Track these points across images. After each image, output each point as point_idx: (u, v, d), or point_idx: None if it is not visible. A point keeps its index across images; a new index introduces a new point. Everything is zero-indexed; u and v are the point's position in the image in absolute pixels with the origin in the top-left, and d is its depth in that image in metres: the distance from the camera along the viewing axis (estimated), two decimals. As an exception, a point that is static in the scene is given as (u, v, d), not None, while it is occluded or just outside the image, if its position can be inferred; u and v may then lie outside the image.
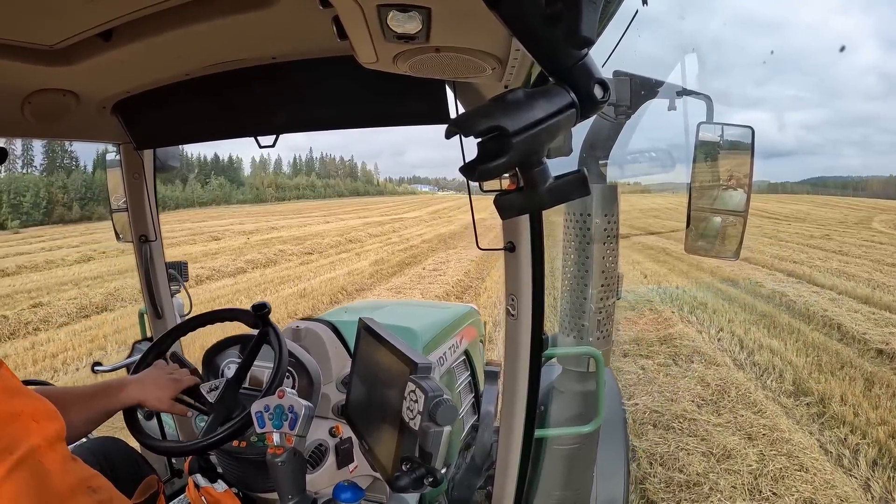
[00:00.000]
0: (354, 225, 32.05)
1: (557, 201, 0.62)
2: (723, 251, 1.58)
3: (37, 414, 0.96)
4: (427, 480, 1.11)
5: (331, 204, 77.08)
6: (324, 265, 16.48)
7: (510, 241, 1.46)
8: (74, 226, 42.77)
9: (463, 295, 10.82)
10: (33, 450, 0.91)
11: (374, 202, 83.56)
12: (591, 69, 0.58)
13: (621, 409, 2.08)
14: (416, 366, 1.15)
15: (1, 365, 0.96)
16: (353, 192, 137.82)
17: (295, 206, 74.37)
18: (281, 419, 1.31)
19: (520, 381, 1.52)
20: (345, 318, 2.14)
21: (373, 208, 57.81)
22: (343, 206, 67.51)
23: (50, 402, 1.01)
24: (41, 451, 0.92)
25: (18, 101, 1.38)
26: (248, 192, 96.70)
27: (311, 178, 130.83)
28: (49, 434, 0.96)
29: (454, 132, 0.58)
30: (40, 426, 0.95)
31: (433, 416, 1.07)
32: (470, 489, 2.14)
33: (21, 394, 0.96)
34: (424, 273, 13.87)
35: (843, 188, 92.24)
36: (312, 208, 62.14)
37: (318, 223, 34.13)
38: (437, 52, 0.98)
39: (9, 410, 0.91)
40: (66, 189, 54.87)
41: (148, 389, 1.46)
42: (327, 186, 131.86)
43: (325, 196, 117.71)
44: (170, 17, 1.07)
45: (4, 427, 0.89)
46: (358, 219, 38.58)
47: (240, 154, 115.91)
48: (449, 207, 53.47)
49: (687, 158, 1.54)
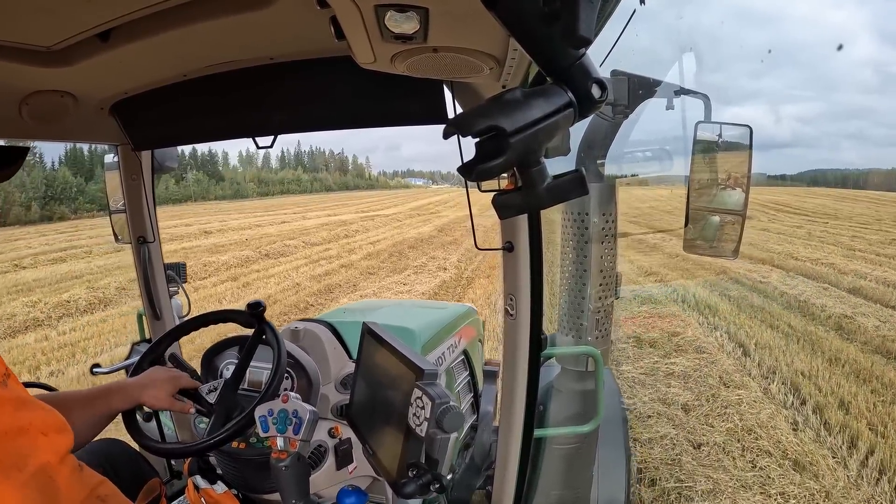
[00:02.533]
0: (310, 225, 26.61)
1: (556, 201, 0.62)
2: (721, 250, 1.59)
3: (46, 427, 0.94)
4: (433, 487, 1.11)
5: (311, 199, 71.11)
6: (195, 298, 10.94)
7: (508, 241, 1.46)
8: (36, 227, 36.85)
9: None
10: (43, 467, 0.90)
11: (359, 196, 77.71)
12: (589, 69, 0.58)
13: (621, 408, 2.08)
14: (423, 372, 1.15)
15: (9, 375, 0.94)
16: (343, 186, 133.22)
17: (271, 202, 67.50)
18: (285, 424, 1.30)
19: (519, 381, 1.52)
20: (343, 319, 2.14)
21: (352, 204, 51.83)
22: (323, 201, 61.42)
23: (58, 413, 0.99)
24: (51, 467, 0.91)
25: (16, 102, 1.38)
26: (227, 188, 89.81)
27: (297, 173, 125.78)
28: (58, 448, 0.94)
29: (452, 132, 0.58)
30: (49, 440, 0.94)
31: (440, 423, 1.06)
32: (469, 489, 2.14)
33: (29, 406, 0.95)
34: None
35: (844, 181, 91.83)
36: (287, 204, 55.25)
37: (271, 223, 28.48)
38: (435, 52, 0.99)
39: (16, 425, 0.90)
40: (25, 187, 48.93)
41: (146, 389, 1.46)
42: (315, 181, 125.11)
43: (311, 191, 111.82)
44: (167, 17, 1.07)
45: (12, 442, 0.88)
46: (325, 217, 32.80)
47: (226, 148, 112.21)
48: (435, 202, 49.13)
49: (685, 157, 1.54)
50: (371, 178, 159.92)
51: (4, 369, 0.93)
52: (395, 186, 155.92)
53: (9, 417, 0.89)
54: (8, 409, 0.90)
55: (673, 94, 1.61)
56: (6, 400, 0.90)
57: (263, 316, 1.60)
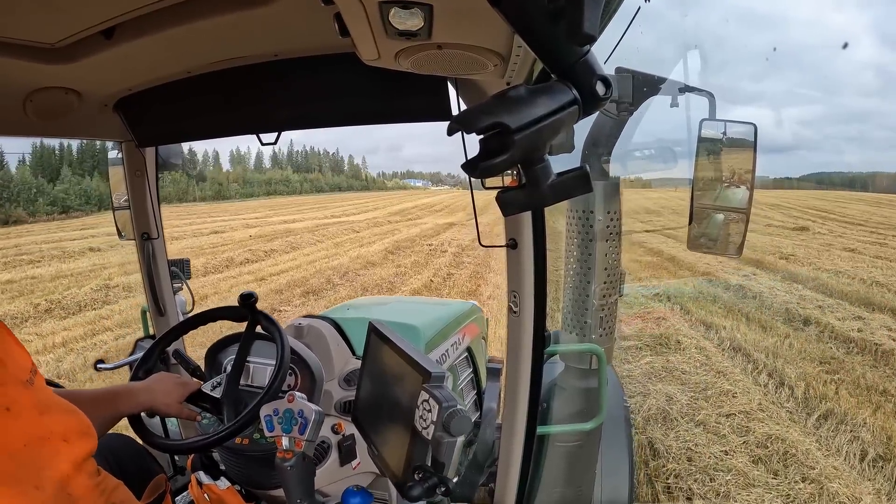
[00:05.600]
0: (242, 238, 20.30)
1: (560, 198, 0.62)
2: (725, 248, 1.58)
3: (68, 432, 0.93)
4: (440, 490, 1.11)
5: (292, 201, 66.16)
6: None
7: (512, 238, 1.45)
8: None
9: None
10: (60, 480, 0.88)
11: (345, 198, 72.60)
12: (594, 66, 0.58)
13: (624, 406, 2.08)
14: (430, 374, 1.14)
15: (35, 372, 0.91)
16: (335, 187, 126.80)
17: (247, 204, 61.46)
18: (290, 423, 1.30)
19: (522, 378, 1.52)
20: (347, 315, 2.14)
21: (331, 206, 47.20)
22: (301, 204, 56.03)
23: (82, 414, 0.98)
24: (69, 479, 0.90)
25: (21, 99, 1.39)
26: (208, 188, 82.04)
27: (285, 172, 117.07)
28: (78, 456, 0.93)
29: (456, 129, 0.58)
30: (70, 447, 0.92)
31: (447, 426, 1.06)
32: (472, 486, 2.14)
33: (53, 409, 0.93)
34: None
35: (851, 184, 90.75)
36: (261, 207, 49.52)
37: (212, 231, 22.84)
38: (439, 49, 0.98)
39: (38, 434, 0.88)
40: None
41: (157, 395, 1.46)
42: (305, 181, 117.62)
43: (300, 192, 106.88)
44: (171, 14, 1.07)
45: (32, 452, 0.86)
46: (279, 224, 27.04)
47: (216, 147, 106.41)
48: (423, 206, 45.20)
49: (689, 155, 1.54)
50: (367, 180, 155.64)
51: (31, 366, 0.91)
52: (392, 188, 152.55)
53: (32, 424, 0.88)
54: (33, 415, 0.88)
55: (677, 92, 1.61)
56: (32, 403, 0.89)
57: (255, 307, 1.60)
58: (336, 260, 14.77)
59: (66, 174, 51.15)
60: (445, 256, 14.57)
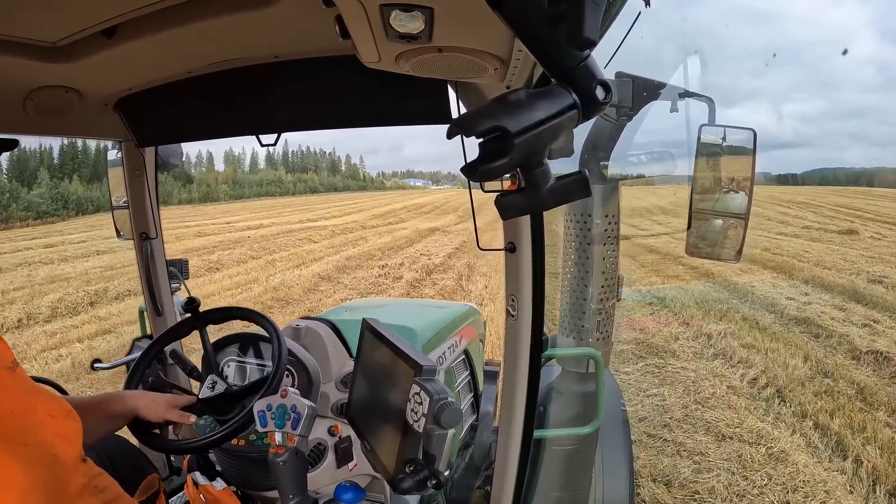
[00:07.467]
0: (198, 246, 17.06)
1: (559, 202, 0.62)
2: (724, 253, 1.58)
3: (53, 410, 0.97)
4: (430, 482, 1.11)
5: (279, 203, 63.35)
6: None
7: (511, 242, 1.46)
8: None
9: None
10: (48, 444, 0.92)
11: (336, 199, 70.03)
12: (594, 70, 0.58)
13: (622, 410, 2.07)
14: (421, 368, 1.15)
15: (16, 366, 0.97)
16: (331, 187, 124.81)
17: (232, 206, 58.41)
18: (283, 419, 1.31)
19: (519, 382, 1.52)
20: (344, 317, 2.14)
21: (316, 208, 44.30)
22: (289, 205, 53.02)
23: (65, 401, 1.02)
24: (56, 446, 0.93)
25: (21, 97, 1.39)
26: (195, 190, 77.51)
27: (278, 173, 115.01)
28: (64, 430, 0.97)
29: (456, 132, 0.58)
30: (56, 422, 0.96)
31: (438, 418, 1.06)
32: (468, 489, 2.14)
33: (36, 391, 0.98)
34: None
35: (857, 180, 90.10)
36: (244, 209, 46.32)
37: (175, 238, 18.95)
38: (440, 52, 0.99)
39: (23, 407, 0.93)
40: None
41: (143, 400, 1.45)
42: (299, 181, 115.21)
43: (293, 193, 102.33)
44: (172, 14, 1.07)
45: (19, 421, 0.91)
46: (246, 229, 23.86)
47: (210, 148, 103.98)
48: (413, 206, 42.92)
49: (688, 160, 1.54)
50: (365, 179, 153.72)
51: (13, 358, 0.97)
52: (391, 188, 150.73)
53: (16, 400, 0.93)
54: (17, 392, 0.94)
55: (677, 97, 1.61)
56: (14, 384, 0.94)
57: (198, 311, 1.63)
58: (248, 291, 10.44)
59: (44, 177, 49.67)
60: (399, 284, 10.87)
